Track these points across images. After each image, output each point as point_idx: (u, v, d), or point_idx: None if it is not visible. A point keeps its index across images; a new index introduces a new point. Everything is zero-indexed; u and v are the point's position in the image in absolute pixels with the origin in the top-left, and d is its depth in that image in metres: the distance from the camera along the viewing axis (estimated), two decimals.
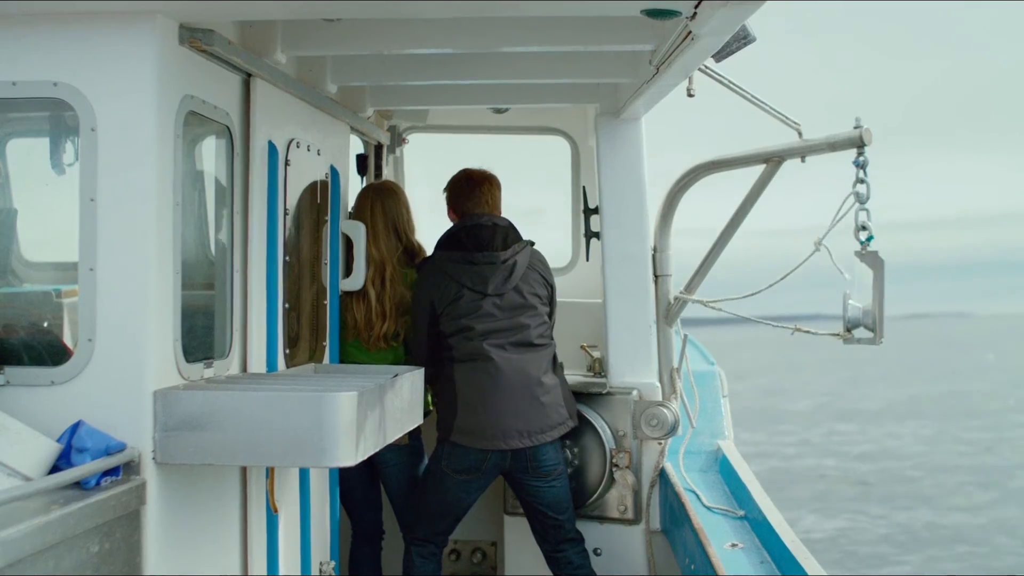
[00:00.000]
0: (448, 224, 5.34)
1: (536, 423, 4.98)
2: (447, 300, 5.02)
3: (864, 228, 4.18)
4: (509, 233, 5.16)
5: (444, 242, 5.17)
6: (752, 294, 4.92)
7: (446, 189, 5.38)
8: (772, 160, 4.77)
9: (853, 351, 4.48)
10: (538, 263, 5.21)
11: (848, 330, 4.28)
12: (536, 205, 7.10)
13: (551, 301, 5.24)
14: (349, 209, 5.39)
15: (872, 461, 26.34)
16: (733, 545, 4.30)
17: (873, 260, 4.17)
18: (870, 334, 4.25)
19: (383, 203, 5.31)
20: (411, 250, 5.37)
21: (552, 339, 5.19)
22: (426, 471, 5.17)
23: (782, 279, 4.71)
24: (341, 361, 5.09)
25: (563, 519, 5.15)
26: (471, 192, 5.26)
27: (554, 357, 5.18)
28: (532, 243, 5.24)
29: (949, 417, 35.73)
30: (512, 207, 5.45)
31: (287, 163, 4.33)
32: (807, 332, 4.65)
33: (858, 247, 4.22)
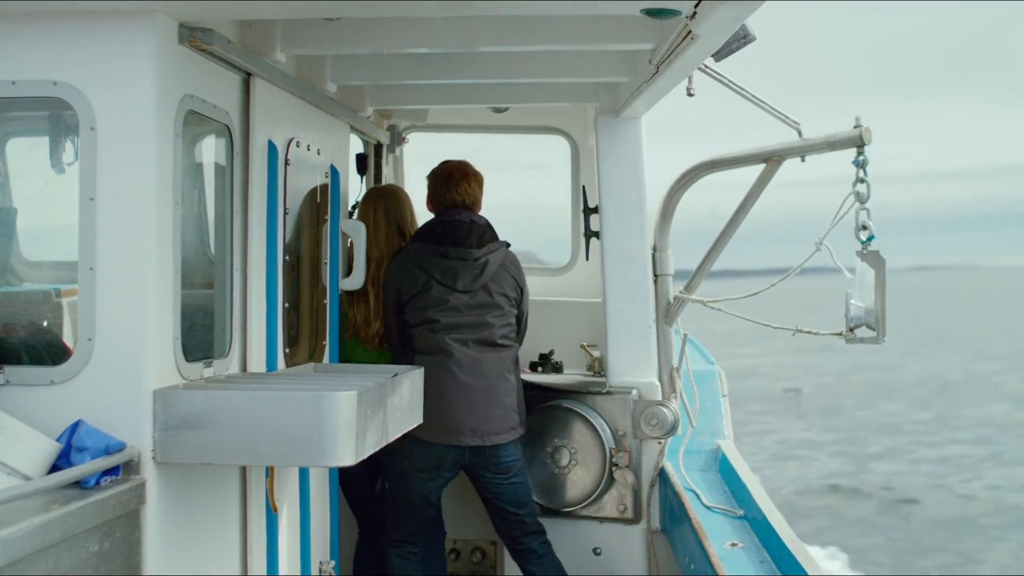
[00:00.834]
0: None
1: (492, 423, 5.00)
2: (414, 290, 5.04)
3: (865, 227, 4.18)
4: (485, 232, 5.17)
5: (420, 234, 5.19)
6: (752, 294, 4.92)
7: (427, 179, 5.37)
8: (772, 159, 4.77)
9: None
10: (511, 265, 5.21)
11: (851, 329, 4.28)
12: (538, 160, 7.09)
13: (520, 304, 5.24)
14: (349, 208, 5.40)
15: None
16: (733, 544, 4.30)
17: (874, 259, 4.17)
18: (872, 333, 4.25)
19: (386, 204, 5.35)
20: None
21: (515, 342, 5.19)
22: (393, 472, 5.17)
23: (781, 280, 4.71)
24: (341, 358, 5.10)
25: (523, 514, 5.17)
26: (451, 185, 5.25)
27: (515, 360, 5.18)
28: (508, 244, 5.24)
29: None
30: (516, 163, 5.42)
31: (287, 162, 4.33)
32: (809, 332, 4.64)
33: (859, 247, 4.21)
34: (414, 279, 5.05)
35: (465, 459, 5.02)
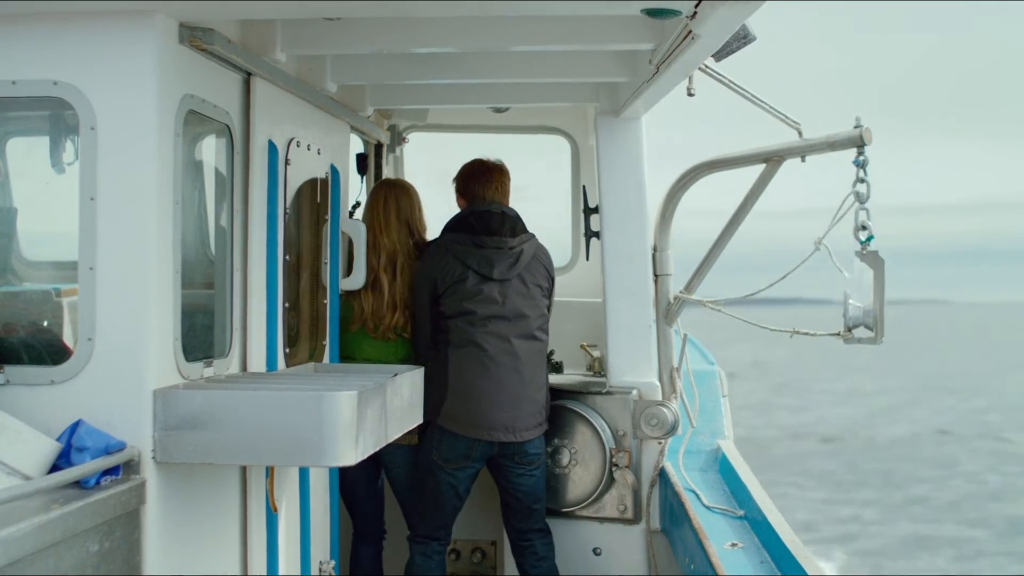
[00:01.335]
0: (450, 211, 5.39)
1: (523, 420, 5.06)
2: (450, 281, 5.07)
3: (864, 228, 4.18)
4: (517, 223, 5.23)
5: (453, 225, 5.23)
6: (751, 295, 4.91)
7: (457, 177, 5.44)
8: (772, 160, 4.77)
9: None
10: (543, 255, 5.28)
11: (849, 329, 4.27)
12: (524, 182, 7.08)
13: (550, 295, 5.28)
14: (349, 208, 5.40)
15: None
16: (733, 545, 4.30)
17: (873, 260, 4.16)
18: (870, 333, 4.25)
19: (396, 197, 5.37)
20: (422, 246, 5.39)
21: (548, 334, 5.24)
22: (420, 464, 5.19)
23: (781, 279, 4.69)
24: (344, 351, 5.10)
25: (537, 508, 5.23)
26: (483, 179, 5.33)
27: (547, 353, 5.24)
28: (535, 237, 5.29)
29: None
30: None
31: (287, 162, 4.33)
32: (806, 334, 4.64)
33: (858, 247, 4.21)
34: (451, 269, 5.09)
35: (493, 451, 5.09)
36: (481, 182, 5.33)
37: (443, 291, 5.09)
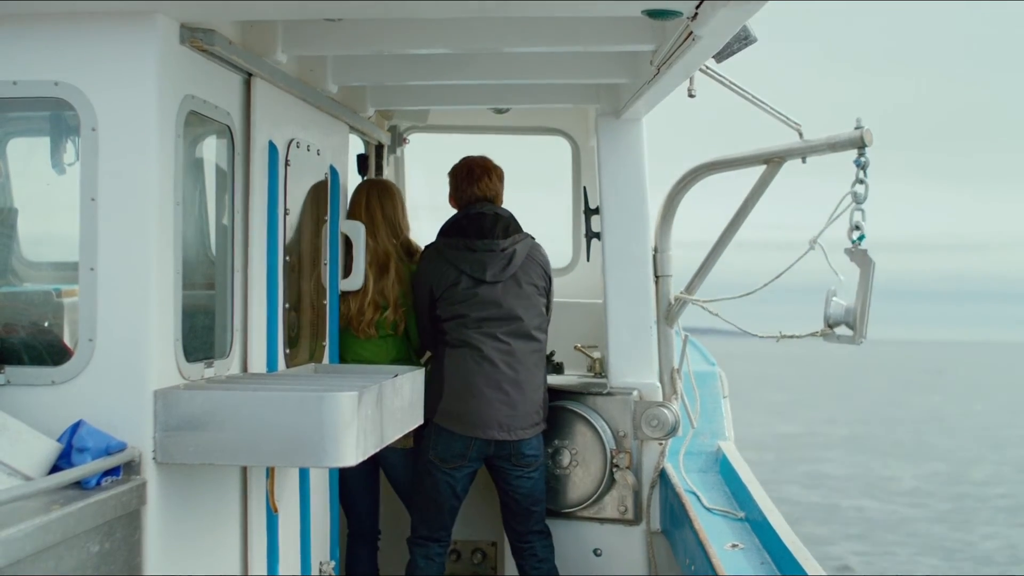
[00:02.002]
0: (450, 213, 5.38)
1: (519, 419, 5.06)
2: (445, 285, 5.09)
3: (857, 228, 4.18)
4: (511, 223, 5.22)
5: (446, 229, 5.24)
6: (749, 293, 4.91)
7: (448, 176, 5.43)
8: (773, 161, 4.77)
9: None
10: (538, 255, 5.26)
11: (830, 327, 4.28)
12: (524, 183, 7.10)
13: (548, 293, 5.27)
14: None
15: None
16: (734, 546, 4.30)
17: (862, 258, 4.17)
18: (850, 332, 4.26)
19: (379, 198, 5.36)
20: (408, 247, 5.40)
21: (546, 333, 5.23)
22: (418, 464, 5.20)
23: (776, 278, 4.68)
24: (339, 351, 5.10)
25: (536, 510, 5.22)
26: (472, 180, 5.33)
27: (545, 353, 5.23)
28: (531, 237, 5.28)
29: None
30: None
31: (287, 163, 4.33)
32: (791, 337, 4.64)
33: (849, 245, 4.21)
34: (444, 275, 5.10)
35: (490, 451, 5.08)
36: (469, 180, 5.33)
37: (439, 295, 5.11)
